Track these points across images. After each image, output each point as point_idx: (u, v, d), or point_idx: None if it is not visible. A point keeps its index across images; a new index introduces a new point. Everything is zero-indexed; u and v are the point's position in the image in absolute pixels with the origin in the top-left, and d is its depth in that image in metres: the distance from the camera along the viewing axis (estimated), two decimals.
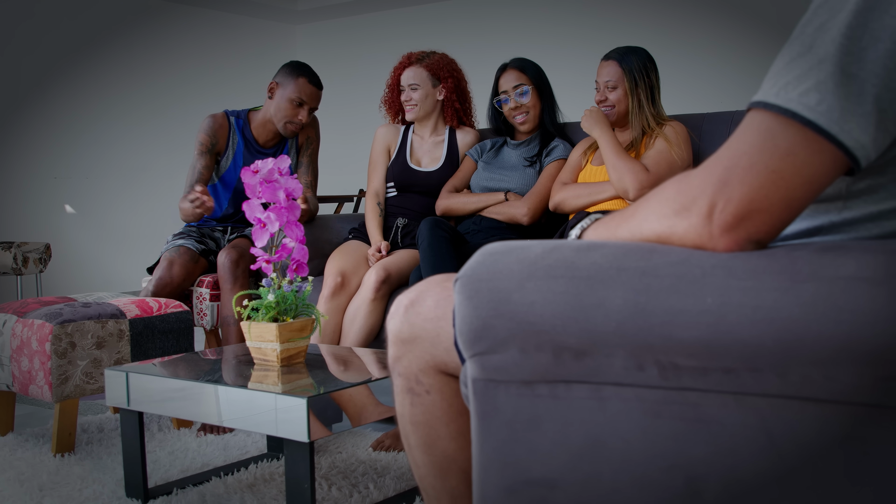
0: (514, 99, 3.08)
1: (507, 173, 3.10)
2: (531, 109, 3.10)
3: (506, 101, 3.10)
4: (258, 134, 3.34)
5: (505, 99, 3.10)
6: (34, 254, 5.02)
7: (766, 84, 0.87)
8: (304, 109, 3.25)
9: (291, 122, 3.26)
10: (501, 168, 3.12)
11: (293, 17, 7.81)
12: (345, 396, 1.84)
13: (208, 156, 3.27)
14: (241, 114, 3.36)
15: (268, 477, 2.33)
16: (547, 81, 3.14)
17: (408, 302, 1.15)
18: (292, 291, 2.03)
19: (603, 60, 2.86)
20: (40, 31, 6.09)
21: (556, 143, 3.10)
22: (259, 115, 3.35)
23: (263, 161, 2.04)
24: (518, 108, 3.09)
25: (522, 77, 3.08)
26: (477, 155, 3.21)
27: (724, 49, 5.83)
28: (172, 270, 3.14)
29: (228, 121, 3.31)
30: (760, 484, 0.83)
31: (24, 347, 2.60)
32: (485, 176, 3.12)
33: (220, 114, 3.34)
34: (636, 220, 0.96)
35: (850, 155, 0.82)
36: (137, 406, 2.07)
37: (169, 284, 3.12)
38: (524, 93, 3.07)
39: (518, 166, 3.10)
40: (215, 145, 3.27)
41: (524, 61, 3.13)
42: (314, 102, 3.29)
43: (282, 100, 3.25)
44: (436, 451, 1.18)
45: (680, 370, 0.85)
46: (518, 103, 3.08)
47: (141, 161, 6.65)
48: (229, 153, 3.29)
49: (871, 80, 0.81)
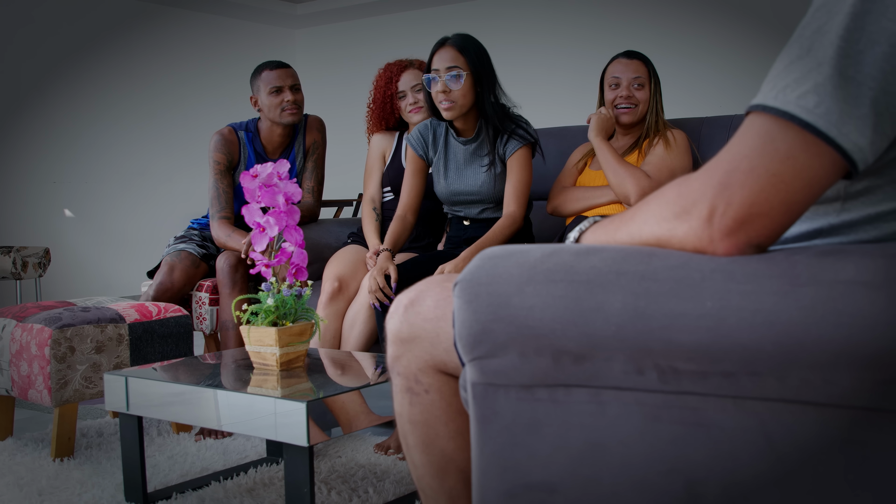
0: (444, 81, 2.67)
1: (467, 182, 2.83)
2: (460, 99, 2.69)
3: (435, 82, 2.70)
4: (267, 142, 3.34)
5: (435, 78, 2.70)
6: (33, 258, 5.02)
7: (764, 87, 0.87)
8: (285, 91, 3.24)
9: (285, 109, 3.25)
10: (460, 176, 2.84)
11: (292, 21, 7.82)
12: (340, 402, 1.84)
13: (228, 175, 3.27)
14: (250, 125, 3.35)
15: (267, 481, 2.32)
16: (489, 68, 2.74)
17: (407, 301, 1.15)
18: (292, 296, 2.03)
19: (623, 59, 2.84)
20: (39, 36, 6.09)
21: (513, 127, 2.75)
22: (262, 124, 3.35)
23: (262, 165, 2.04)
24: (446, 93, 2.68)
25: (459, 59, 2.69)
26: (421, 148, 2.90)
27: (723, 53, 5.83)
28: (173, 276, 3.14)
29: (237, 135, 3.30)
30: (760, 487, 0.83)
31: (23, 352, 2.60)
32: (445, 185, 2.87)
33: (227, 129, 3.32)
34: (635, 224, 0.96)
35: (848, 158, 0.82)
36: (137, 410, 2.07)
37: (170, 290, 3.12)
38: (458, 76, 2.67)
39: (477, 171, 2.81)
40: (231, 162, 3.27)
41: (466, 40, 2.73)
42: (287, 80, 3.25)
43: (264, 100, 3.25)
44: (434, 451, 1.19)
45: (679, 374, 0.85)
46: (446, 87, 2.68)
47: (140, 165, 6.65)
48: (241, 167, 3.30)
49: (868, 83, 0.81)
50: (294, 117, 3.28)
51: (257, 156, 3.32)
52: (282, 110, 3.25)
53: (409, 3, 7.19)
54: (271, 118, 3.28)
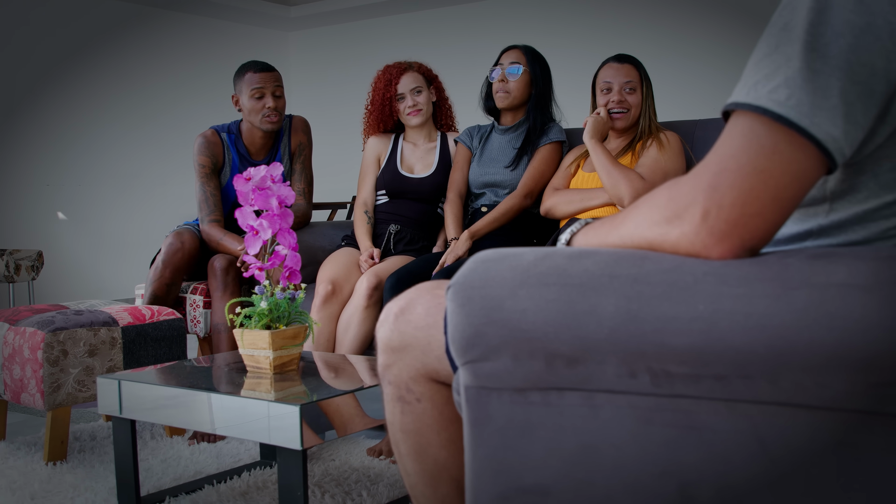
0: (505, 73, 3.02)
1: (496, 168, 3.04)
2: (516, 90, 3.02)
3: (497, 73, 3.04)
4: (250, 144, 3.30)
5: (497, 70, 3.04)
6: (26, 261, 5.00)
7: (737, 86, 0.88)
8: (267, 96, 3.19)
9: (265, 115, 3.19)
10: (492, 161, 3.07)
11: (286, 24, 7.81)
12: (334, 405, 1.83)
13: (214, 178, 3.22)
14: (232, 127, 3.31)
15: (261, 485, 2.32)
16: (548, 78, 3.07)
17: (397, 310, 1.15)
18: (285, 299, 2.02)
19: (614, 63, 2.84)
20: (34, 39, 6.09)
21: (552, 125, 3.06)
22: (244, 126, 3.31)
23: (256, 168, 2.04)
24: (503, 82, 3.01)
25: (522, 58, 3.02)
26: (468, 140, 3.17)
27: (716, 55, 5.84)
28: (183, 237, 3.08)
29: (220, 137, 3.26)
30: (752, 490, 0.83)
31: (15, 355, 2.59)
32: (478, 172, 3.09)
33: (210, 132, 3.27)
34: (627, 227, 0.96)
35: (823, 148, 0.83)
36: (130, 414, 2.07)
37: (180, 250, 3.06)
38: (517, 71, 3.00)
39: (507, 157, 3.05)
40: (216, 164, 3.24)
41: (531, 49, 3.07)
42: (271, 84, 3.20)
43: (245, 102, 3.21)
44: (427, 460, 1.18)
45: (672, 377, 0.85)
46: (506, 78, 3.01)
47: (133, 169, 6.64)
48: (226, 170, 3.27)
49: (835, 74, 0.82)
50: (273, 125, 3.24)
51: (241, 158, 3.29)
52: (262, 116, 3.20)
53: (402, 5, 7.20)
54: (250, 121, 3.24)
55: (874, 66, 0.82)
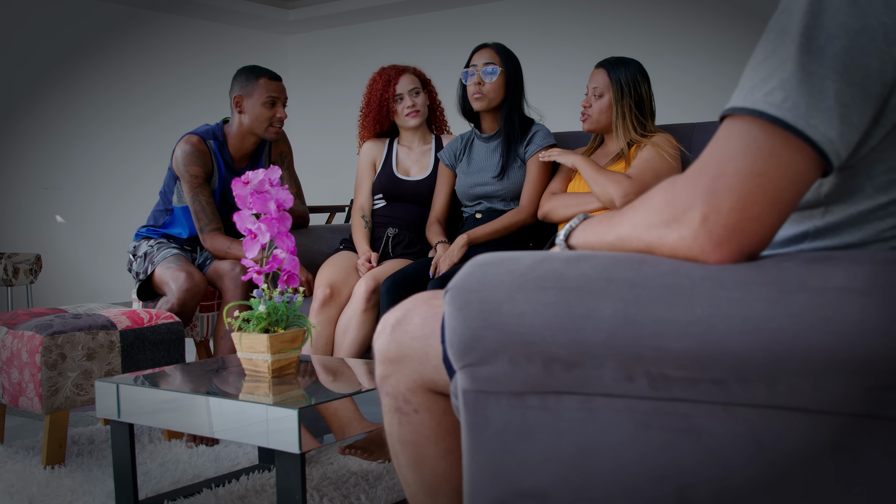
0: (480, 75, 2.95)
1: (485, 178, 3.01)
2: (491, 92, 2.96)
3: (472, 75, 2.97)
4: (235, 151, 3.23)
5: (472, 73, 2.98)
6: (24, 265, 5.00)
7: (735, 92, 0.88)
8: (279, 106, 3.18)
9: (272, 125, 3.16)
10: (479, 171, 3.03)
11: (284, 27, 7.82)
12: (332, 409, 1.83)
13: (207, 187, 3.15)
14: (217, 134, 3.22)
15: (259, 488, 2.32)
16: (520, 77, 3.02)
17: (394, 321, 1.14)
18: (283, 302, 2.02)
19: (595, 68, 2.88)
20: (32, 42, 6.09)
21: (536, 129, 3.00)
22: (232, 128, 3.22)
23: (254, 172, 2.04)
24: (479, 85, 2.95)
25: (496, 58, 2.97)
26: (450, 160, 3.13)
27: (715, 58, 5.85)
28: (195, 277, 3.00)
29: (206, 145, 3.18)
30: (750, 494, 0.83)
31: (14, 359, 2.59)
32: (467, 183, 3.05)
33: (197, 139, 3.16)
34: (624, 227, 0.96)
35: (820, 150, 0.83)
36: (128, 418, 2.06)
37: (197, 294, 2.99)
38: (492, 72, 2.94)
39: (493, 167, 3.00)
40: (207, 173, 3.16)
41: (503, 47, 3.02)
42: (283, 94, 3.19)
43: (254, 107, 3.14)
44: (425, 470, 1.18)
45: (669, 381, 0.85)
46: (481, 80, 2.95)
47: (132, 172, 6.64)
48: (214, 179, 3.20)
49: (830, 76, 0.83)
50: (277, 136, 3.24)
51: (226, 165, 3.22)
52: (269, 125, 3.16)
53: (400, 9, 7.20)
54: (253, 127, 3.17)
55: (869, 68, 0.82)
